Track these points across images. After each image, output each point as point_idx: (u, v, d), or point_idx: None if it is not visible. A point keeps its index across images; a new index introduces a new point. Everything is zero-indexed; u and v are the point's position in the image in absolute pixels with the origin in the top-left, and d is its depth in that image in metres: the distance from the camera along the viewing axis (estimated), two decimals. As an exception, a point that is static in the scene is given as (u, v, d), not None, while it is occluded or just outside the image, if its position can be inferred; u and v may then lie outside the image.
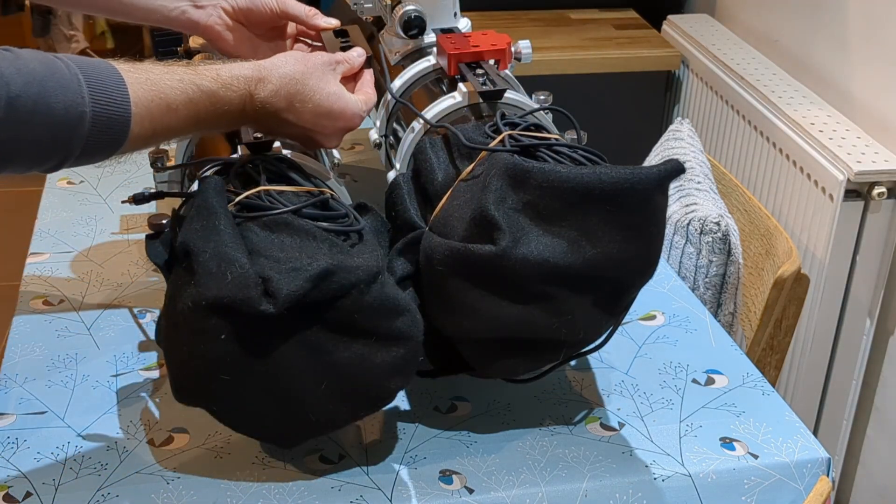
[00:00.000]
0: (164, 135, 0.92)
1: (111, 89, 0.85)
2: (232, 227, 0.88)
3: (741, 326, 1.54)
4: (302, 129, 1.02)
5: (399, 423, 1.03)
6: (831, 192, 1.69)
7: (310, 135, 1.04)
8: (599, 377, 1.11)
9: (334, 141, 1.07)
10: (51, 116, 0.81)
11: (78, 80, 0.83)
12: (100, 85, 0.85)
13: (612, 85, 2.25)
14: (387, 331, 0.89)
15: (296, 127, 1.01)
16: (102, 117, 0.84)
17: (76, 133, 0.83)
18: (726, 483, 0.98)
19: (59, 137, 0.83)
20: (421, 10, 1.16)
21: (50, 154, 0.84)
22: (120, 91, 0.86)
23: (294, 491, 0.94)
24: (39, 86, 0.81)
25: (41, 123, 0.81)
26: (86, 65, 0.85)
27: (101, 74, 0.85)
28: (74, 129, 0.83)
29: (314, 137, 1.04)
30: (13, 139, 0.81)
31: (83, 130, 0.83)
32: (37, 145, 0.82)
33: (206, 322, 0.85)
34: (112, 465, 0.97)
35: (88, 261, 1.31)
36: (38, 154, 0.83)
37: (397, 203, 1.03)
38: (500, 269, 0.87)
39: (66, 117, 0.82)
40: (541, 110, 1.08)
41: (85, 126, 0.83)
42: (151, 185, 1.28)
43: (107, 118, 0.85)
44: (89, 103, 0.83)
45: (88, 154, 0.86)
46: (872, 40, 1.78)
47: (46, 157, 0.84)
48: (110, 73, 0.86)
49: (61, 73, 0.83)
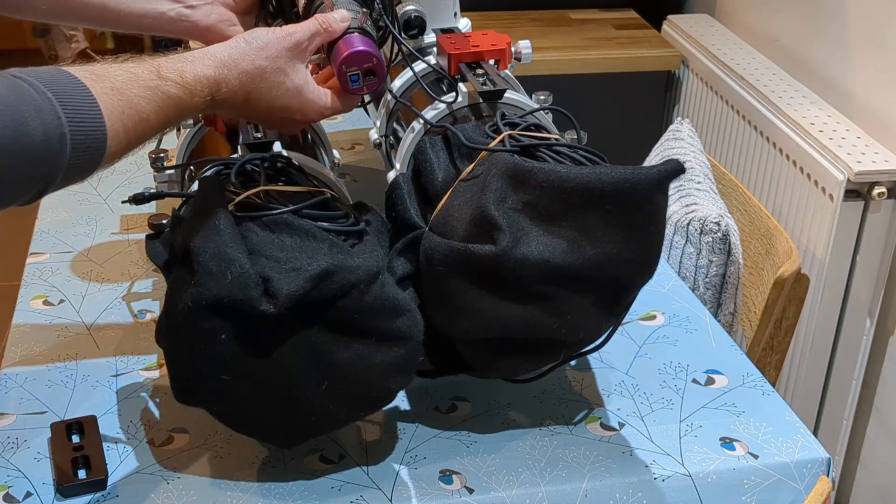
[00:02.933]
0: (136, 145, 0.85)
1: (84, 106, 0.77)
2: (232, 227, 0.88)
3: (741, 326, 1.54)
4: (256, 118, 1.00)
5: (399, 423, 1.03)
6: (831, 192, 1.69)
7: (263, 124, 1.02)
8: (599, 377, 1.11)
9: (289, 130, 1.05)
10: (30, 145, 0.73)
11: (50, 101, 0.75)
12: (72, 102, 0.76)
13: (612, 85, 2.25)
14: (387, 331, 0.89)
15: (250, 116, 0.99)
16: (80, 136, 0.76)
17: (59, 158, 0.75)
18: (726, 483, 0.98)
19: (41, 166, 0.75)
20: (421, 10, 1.16)
21: (31, 185, 0.75)
22: (91, 106, 0.78)
23: (294, 491, 0.94)
24: (11, 114, 0.72)
25: (19, 153, 0.72)
26: (50, 81, 0.76)
27: (69, 89, 0.77)
28: (57, 154, 0.75)
29: (268, 126, 1.03)
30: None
31: (65, 155, 0.75)
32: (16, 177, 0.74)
33: (206, 322, 0.85)
34: (112, 465, 0.97)
35: (88, 261, 1.31)
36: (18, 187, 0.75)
37: (397, 203, 1.03)
38: (500, 269, 0.87)
39: (46, 143, 0.74)
40: (541, 110, 1.08)
41: (66, 149, 0.75)
42: (151, 185, 1.29)
43: (84, 136, 0.77)
44: (66, 124, 0.75)
45: (69, 178, 0.78)
46: (872, 40, 1.78)
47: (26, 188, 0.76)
48: (77, 88, 0.78)
49: (30, 96, 0.74)
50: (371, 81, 0.98)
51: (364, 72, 0.97)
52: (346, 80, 0.97)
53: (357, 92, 0.99)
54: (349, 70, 0.97)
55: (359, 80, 0.97)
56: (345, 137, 1.63)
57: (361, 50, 0.96)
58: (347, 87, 0.98)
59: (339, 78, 0.98)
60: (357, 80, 0.97)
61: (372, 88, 0.99)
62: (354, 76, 0.97)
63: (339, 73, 0.97)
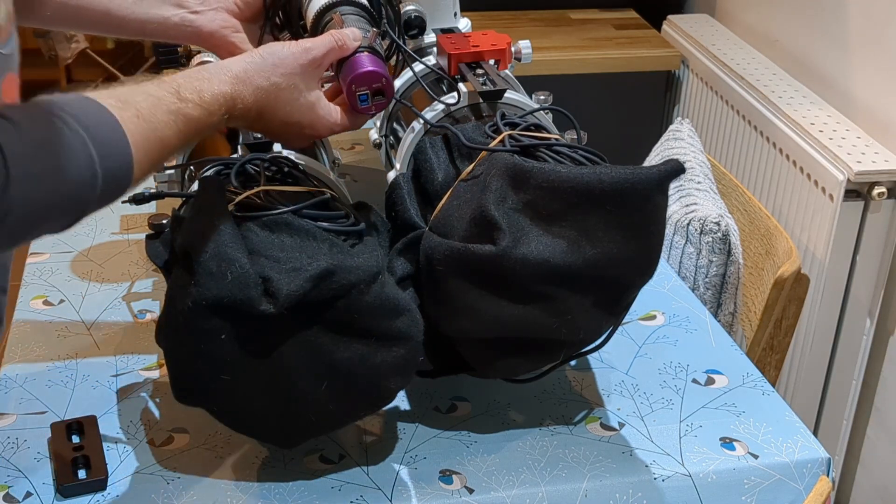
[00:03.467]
0: (158, 166, 0.88)
1: (114, 141, 0.80)
2: (232, 227, 0.88)
3: (741, 326, 1.54)
4: (268, 132, 1.01)
5: (399, 423, 1.03)
6: (831, 192, 1.69)
7: (274, 137, 1.03)
8: (599, 377, 1.11)
9: (298, 144, 1.06)
10: (67, 186, 0.76)
11: (83, 140, 0.77)
12: (102, 136, 0.79)
13: (612, 85, 2.25)
14: (387, 331, 0.89)
15: (262, 130, 1.00)
16: (110, 170, 0.79)
17: (91, 193, 0.78)
18: (726, 483, 0.98)
19: (76, 202, 0.78)
20: (421, 10, 1.16)
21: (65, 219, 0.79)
22: (120, 139, 0.80)
23: (294, 491, 0.94)
24: (53, 158, 0.75)
25: (57, 194, 0.76)
26: (82, 115, 0.78)
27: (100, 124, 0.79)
28: (90, 190, 0.78)
29: (278, 138, 1.04)
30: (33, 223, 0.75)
31: (97, 189, 0.78)
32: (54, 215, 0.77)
33: (207, 322, 0.85)
34: (112, 465, 0.97)
35: (88, 261, 1.31)
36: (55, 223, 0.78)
37: (397, 203, 1.03)
38: (500, 269, 0.87)
39: (80, 182, 0.77)
40: (541, 110, 1.09)
41: (98, 185, 0.78)
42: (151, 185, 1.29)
43: (114, 169, 0.79)
44: (98, 160, 0.77)
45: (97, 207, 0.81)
46: (873, 40, 1.78)
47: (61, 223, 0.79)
48: (108, 121, 0.80)
49: (66, 136, 0.76)
50: (380, 101, 0.98)
51: (373, 91, 0.97)
52: (354, 99, 0.97)
53: (365, 111, 0.99)
54: (358, 90, 0.97)
55: (367, 99, 0.98)
56: (345, 137, 1.63)
57: (371, 70, 0.96)
58: (356, 107, 0.98)
59: (347, 97, 0.98)
60: (366, 99, 0.98)
61: (380, 108, 0.99)
62: (363, 95, 0.97)
63: (348, 93, 0.97)
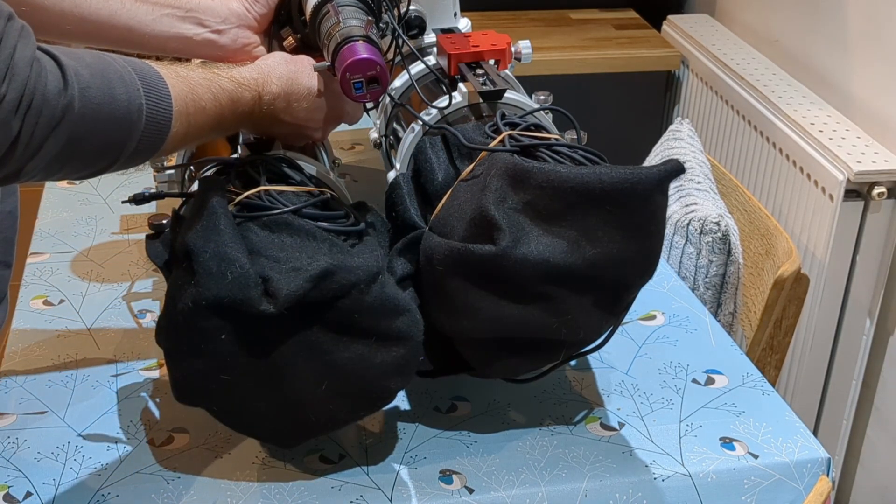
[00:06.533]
0: (195, 136, 0.89)
1: (157, 83, 0.82)
2: (232, 227, 0.88)
3: (741, 326, 1.54)
4: (295, 126, 1.02)
5: (399, 423, 1.03)
6: (831, 192, 1.69)
7: (302, 130, 1.04)
8: (599, 377, 1.11)
9: (321, 134, 1.08)
10: (116, 109, 0.78)
11: (131, 73, 0.80)
12: (148, 78, 0.81)
13: (612, 85, 2.25)
14: (387, 331, 0.89)
15: (289, 125, 1.02)
16: (153, 111, 0.81)
17: (134, 127, 0.80)
18: (726, 483, 0.98)
19: (120, 132, 0.79)
20: (421, 10, 1.16)
21: (106, 152, 0.80)
22: (163, 85, 0.83)
23: (294, 491, 0.94)
24: (102, 77, 0.77)
25: (108, 116, 0.77)
26: (131, 62, 0.82)
27: (147, 71, 0.82)
28: (134, 124, 0.79)
29: (305, 132, 1.05)
30: (85, 134, 0.76)
31: (140, 125, 0.80)
32: (100, 141, 0.78)
33: (207, 322, 0.85)
34: (112, 465, 0.97)
35: (88, 261, 1.31)
36: (98, 151, 0.79)
37: (397, 203, 1.03)
38: (500, 269, 0.87)
39: (128, 110, 0.78)
40: (541, 110, 1.09)
41: (142, 120, 0.80)
42: (151, 185, 1.29)
43: (156, 111, 0.81)
44: (143, 95, 0.80)
45: (134, 155, 0.82)
46: (872, 40, 1.78)
47: (103, 155, 0.80)
48: (153, 72, 0.83)
49: (115, 66, 0.79)
50: (374, 89, 0.98)
51: (368, 80, 0.97)
52: (349, 87, 0.98)
53: (360, 99, 0.99)
54: (353, 77, 0.97)
55: (362, 87, 0.98)
56: (345, 137, 1.63)
57: (365, 58, 0.96)
58: (351, 95, 0.98)
59: (342, 85, 0.98)
60: (360, 87, 0.98)
61: (375, 96, 0.99)
62: (358, 83, 0.97)
63: (342, 80, 0.97)
